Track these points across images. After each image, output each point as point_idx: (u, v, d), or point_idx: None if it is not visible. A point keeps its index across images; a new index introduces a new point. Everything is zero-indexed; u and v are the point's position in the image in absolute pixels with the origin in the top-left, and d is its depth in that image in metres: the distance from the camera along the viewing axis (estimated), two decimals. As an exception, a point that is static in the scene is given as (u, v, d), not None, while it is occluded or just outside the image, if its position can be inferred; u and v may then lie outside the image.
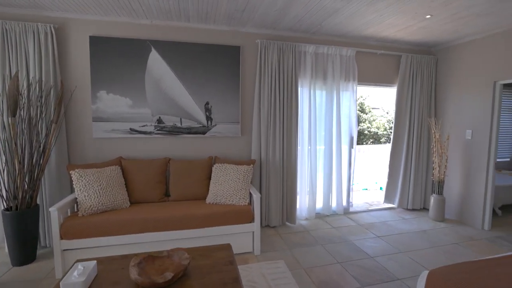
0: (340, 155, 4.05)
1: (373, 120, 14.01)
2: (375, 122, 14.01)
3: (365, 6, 2.78)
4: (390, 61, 4.21)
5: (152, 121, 3.38)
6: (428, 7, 2.76)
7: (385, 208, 4.50)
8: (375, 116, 14.12)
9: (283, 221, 3.76)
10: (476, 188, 3.70)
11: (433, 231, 3.62)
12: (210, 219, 2.83)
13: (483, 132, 3.60)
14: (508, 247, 3.17)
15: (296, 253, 3.01)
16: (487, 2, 2.63)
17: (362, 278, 2.55)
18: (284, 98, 3.60)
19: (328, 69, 3.85)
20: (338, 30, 3.54)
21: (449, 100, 4.05)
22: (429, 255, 2.98)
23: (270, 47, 3.50)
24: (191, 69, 3.40)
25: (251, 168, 3.20)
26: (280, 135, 3.63)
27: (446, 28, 3.35)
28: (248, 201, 3.05)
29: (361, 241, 3.32)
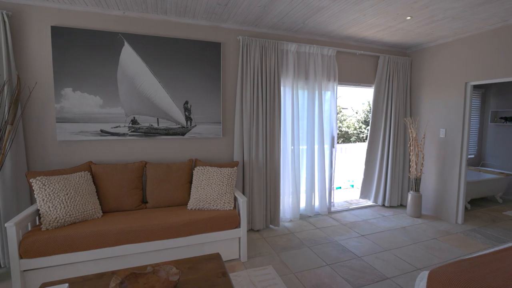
0: (322, 155, 4.03)
1: (344, 120, 14.48)
2: (345, 121, 14.49)
3: (350, 5, 2.76)
4: (368, 61, 4.28)
5: (126, 121, 3.09)
6: (410, 8, 2.80)
7: (365, 206, 4.57)
8: (345, 116, 14.60)
9: (267, 224, 3.65)
10: (450, 184, 3.87)
11: (412, 227, 3.72)
12: (193, 227, 2.64)
13: (456, 130, 3.77)
14: (481, 239, 3.34)
15: (284, 257, 2.91)
16: (461, 7, 2.73)
17: (353, 280, 2.52)
18: (267, 98, 3.50)
19: (310, 68, 3.82)
20: (320, 29, 3.51)
21: (424, 100, 4.21)
22: (412, 252, 3.04)
23: (252, 44, 3.38)
24: (169, 66, 3.17)
25: (235, 171, 3.05)
26: (263, 136, 3.52)
27: (422, 30, 3.45)
28: (233, 205, 2.90)
29: (346, 241, 3.31)
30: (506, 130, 5.08)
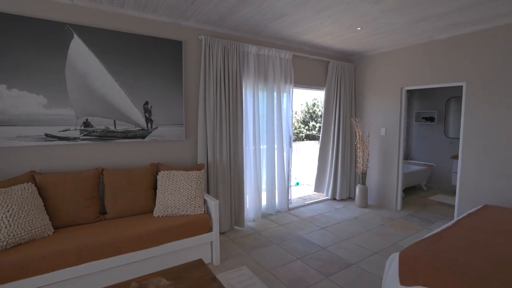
0: (281, 154, 4.20)
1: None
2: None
3: (311, 14, 2.94)
4: (320, 66, 4.61)
5: (77, 124, 2.75)
6: (361, 21, 3.13)
7: (318, 201, 4.90)
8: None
9: (232, 226, 3.64)
10: (390, 176, 4.43)
11: (362, 216, 4.14)
12: (163, 235, 2.49)
13: (394, 129, 4.33)
14: (417, 222, 3.90)
15: (255, 256, 2.95)
16: (402, 23, 3.16)
17: (323, 270, 2.70)
18: (229, 99, 3.49)
19: (269, 70, 3.94)
20: (280, 34, 3.65)
21: (367, 102, 4.72)
22: (367, 238, 3.39)
23: (215, 45, 3.33)
24: (126, 64, 2.93)
25: (203, 174, 2.98)
26: (227, 137, 3.50)
27: (367, 40, 3.87)
28: (203, 209, 2.83)
29: (309, 235, 3.51)
30: (427, 128, 6.03)
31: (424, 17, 3.00)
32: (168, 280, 1.77)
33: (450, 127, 5.66)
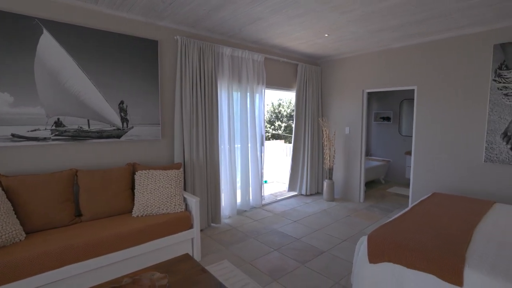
0: (255, 153, 4.36)
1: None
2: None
3: (285, 20, 3.14)
4: (290, 68, 4.85)
5: (48, 123, 2.64)
6: (329, 28, 3.40)
7: (288, 196, 5.15)
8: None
9: (208, 223, 3.72)
10: (354, 171, 4.82)
11: (330, 209, 4.46)
12: (144, 234, 2.50)
13: (357, 128, 4.72)
14: (378, 212, 4.31)
15: (234, 251, 3.07)
16: (364, 32, 3.50)
17: (299, 258, 2.91)
18: (205, 99, 3.56)
19: (242, 72, 4.07)
20: (253, 36, 3.81)
21: (333, 103, 5.07)
22: (336, 228, 3.69)
23: (191, 45, 3.38)
24: (101, 62, 2.87)
25: (181, 172, 3.02)
26: (203, 136, 3.57)
27: (333, 45, 4.19)
28: (184, 207, 2.88)
29: (283, 228, 3.72)
30: (384, 127, 6.61)
31: (383, 28, 3.36)
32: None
33: (403, 126, 6.28)
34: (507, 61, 3.16)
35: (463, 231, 2.17)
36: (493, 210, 2.68)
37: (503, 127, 3.24)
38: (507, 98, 3.19)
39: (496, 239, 2.05)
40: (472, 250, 1.87)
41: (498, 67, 3.23)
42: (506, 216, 2.51)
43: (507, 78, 3.18)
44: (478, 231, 2.18)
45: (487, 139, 3.35)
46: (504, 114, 3.23)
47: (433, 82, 3.79)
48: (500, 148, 3.27)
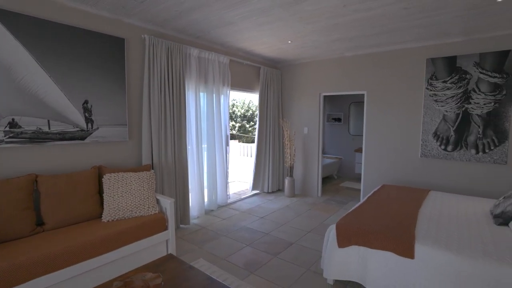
0: (220, 153, 4.45)
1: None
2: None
3: (254, 25, 3.30)
4: (253, 71, 5.04)
5: (0, 125, 2.39)
6: (293, 36, 3.66)
7: (252, 194, 5.34)
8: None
9: (177, 225, 3.70)
10: (312, 169, 5.21)
11: (292, 204, 4.76)
12: (118, 239, 2.43)
13: (314, 128, 5.11)
14: (335, 204, 4.75)
15: (208, 249, 3.14)
16: (323, 41, 3.85)
17: (271, 251, 3.10)
18: (173, 99, 3.55)
19: (209, 73, 4.13)
20: (220, 39, 3.89)
21: (292, 105, 5.40)
22: (299, 221, 3.98)
23: (159, 45, 3.34)
24: (63, 58, 2.68)
25: (153, 174, 2.99)
26: (172, 137, 3.55)
27: (294, 51, 4.49)
28: (157, 209, 2.85)
29: (252, 224, 3.88)
30: (336, 127, 7.22)
31: (340, 38, 3.74)
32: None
33: (351, 127, 6.94)
34: (436, 72, 3.79)
35: (410, 214, 2.59)
36: (429, 197, 3.21)
37: (434, 128, 3.87)
38: (436, 103, 3.82)
39: (435, 218, 2.50)
40: (419, 228, 2.26)
41: (430, 78, 3.85)
42: (440, 201, 3.04)
43: (436, 87, 3.80)
44: (421, 214, 2.63)
45: (422, 138, 3.96)
46: (434, 117, 3.85)
47: (380, 88, 4.33)
48: (432, 145, 3.90)
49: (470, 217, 2.54)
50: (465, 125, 3.63)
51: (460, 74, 3.62)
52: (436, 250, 1.95)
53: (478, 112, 3.54)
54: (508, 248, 1.90)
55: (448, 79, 3.70)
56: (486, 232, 2.18)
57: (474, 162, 3.62)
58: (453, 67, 3.66)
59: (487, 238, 2.06)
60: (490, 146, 3.48)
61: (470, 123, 3.60)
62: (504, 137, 3.41)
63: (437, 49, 3.80)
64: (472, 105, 3.57)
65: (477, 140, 3.57)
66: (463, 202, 3.01)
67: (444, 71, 3.72)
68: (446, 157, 3.80)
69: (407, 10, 2.76)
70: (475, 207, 2.82)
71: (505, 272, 1.69)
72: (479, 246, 1.94)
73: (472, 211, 2.71)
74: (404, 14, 2.87)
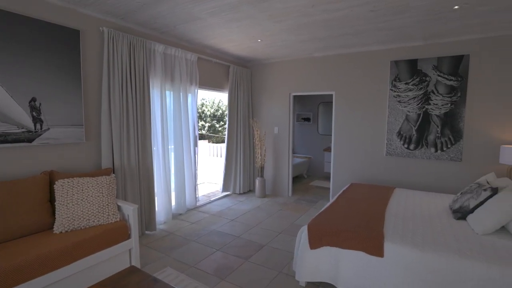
0: (188, 154, 4.27)
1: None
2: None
3: (223, 22, 3.19)
4: (222, 69, 4.91)
5: None
6: (263, 34, 3.60)
7: (222, 196, 5.21)
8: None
9: (143, 231, 3.48)
10: (282, 168, 5.21)
11: (263, 205, 4.72)
12: (71, 253, 2.17)
13: (284, 128, 5.11)
14: (305, 203, 4.78)
15: (176, 256, 2.98)
16: (292, 40, 3.84)
17: (242, 254, 3.02)
18: (137, 97, 3.32)
19: (175, 70, 3.93)
20: (187, 35, 3.72)
21: (262, 104, 5.36)
22: (271, 222, 3.94)
23: (120, 39, 3.10)
24: (5, 51, 2.37)
25: (113, 178, 2.76)
26: (135, 138, 3.33)
27: (264, 50, 4.44)
28: (119, 216, 2.64)
29: (222, 227, 3.77)
30: (305, 127, 7.32)
31: (310, 38, 3.75)
32: (107, 291, 1.66)
33: (320, 126, 7.08)
34: (400, 74, 3.95)
35: (378, 212, 2.64)
36: (395, 194, 3.33)
37: (398, 127, 4.03)
38: (400, 104, 3.99)
39: (400, 215, 2.58)
40: (387, 226, 2.31)
41: (393, 79, 4.00)
42: (404, 198, 3.16)
43: (399, 88, 3.97)
44: (388, 211, 2.70)
45: (387, 137, 4.11)
46: (398, 117, 4.02)
47: (348, 88, 4.43)
48: (396, 144, 4.06)
49: (432, 212, 2.66)
50: (426, 125, 3.83)
51: (420, 76, 3.80)
52: (404, 247, 1.99)
53: (436, 113, 3.75)
54: (467, 242, 2.00)
55: (410, 81, 3.87)
56: (447, 227, 2.28)
57: (433, 159, 3.83)
58: (414, 69, 3.83)
59: (449, 233, 2.15)
60: (447, 144, 3.70)
61: (430, 123, 3.80)
62: (459, 136, 3.64)
63: (400, 52, 3.97)
64: (431, 106, 3.77)
65: (436, 139, 3.78)
66: (425, 198, 3.16)
67: (406, 73, 3.89)
68: (409, 155, 3.98)
69: (374, 13, 2.82)
70: (436, 203, 2.96)
71: (466, 266, 1.76)
72: (441, 241, 2.01)
73: (433, 206, 2.85)
74: (370, 16, 2.93)
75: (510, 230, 2.11)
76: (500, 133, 3.45)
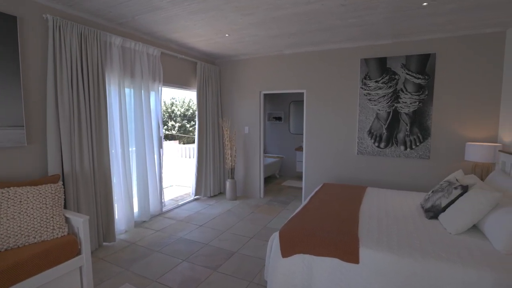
0: (152, 156, 3.96)
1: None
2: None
3: (186, 13, 2.94)
4: (188, 66, 4.63)
5: None
6: (230, 29, 3.40)
7: (191, 200, 4.94)
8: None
9: (99, 243, 3.14)
10: (254, 169, 5.04)
11: (234, 208, 4.51)
12: (10, 276, 1.86)
13: (255, 127, 4.95)
14: (277, 205, 4.65)
15: (136, 270, 2.69)
16: (262, 35, 3.67)
17: (210, 264, 2.80)
18: (90, 95, 2.98)
19: (136, 66, 3.61)
20: (148, 28, 3.42)
21: (232, 103, 5.14)
22: (242, 227, 3.75)
23: (68, 29, 2.74)
24: None
25: (60, 187, 2.43)
26: (89, 140, 2.98)
27: (232, 46, 4.23)
28: (66, 229, 2.31)
29: (190, 234, 3.52)
30: (277, 126, 7.21)
31: (280, 34, 3.61)
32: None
33: (292, 125, 7.01)
34: (370, 72, 3.93)
35: (351, 214, 2.55)
36: (367, 193, 3.28)
37: (368, 126, 4.02)
38: (370, 102, 3.97)
39: (375, 216, 2.51)
40: (361, 229, 2.21)
41: (364, 77, 3.98)
42: (376, 197, 3.11)
43: (370, 86, 3.96)
44: (361, 212, 2.62)
45: (358, 135, 4.09)
46: (368, 115, 4.01)
47: (319, 87, 4.35)
48: (367, 142, 4.05)
49: (405, 212, 2.62)
50: (395, 123, 3.85)
51: (390, 74, 3.81)
52: (379, 252, 1.89)
53: (405, 111, 3.77)
54: (442, 243, 1.95)
55: (379, 79, 3.87)
56: (421, 228, 2.23)
57: (403, 157, 3.85)
58: (384, 68, 3.83)
59: (423, 235, 2.10)
60: (416, 142, 3.74)
61: (400, 121, 3.82)
62: (427, 134, 3.69)
63: (370, 50, 3.95)
64: (400, 104, 3.79)
65: (405, 137, 3.80)
66: (396, 197, 3.14)
67: (376, 71, 3.88)
68: (379, 154, 3.98)
69: (345, 7, 2.73)
70: (408, 202, 2.94)
71: (443, 270, 1.69)
72: (417, 244, 1.94)
73: (405, 205, 2.82)
74: (341, 11, 2.84)
75: (481, 229, 2.09)
76: (465, 130, 3.54)
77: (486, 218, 2.05)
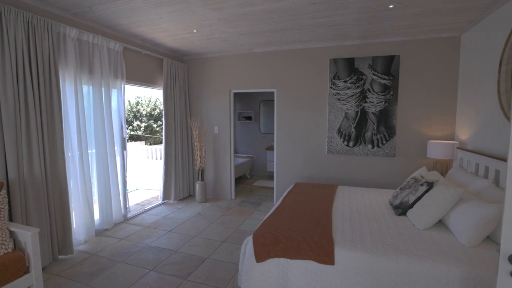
0: (114, 159, 3.68)
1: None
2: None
3: (150, 5, 2.75)
4: (154, 63, 4.38)
5: None
6: (198, 24, 3.25)
7: (158, 204, 4.69)
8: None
9: (54, 257, 2.83)
10: (224, 170, 4.91)
11: (204, 211, 4.36)
12: None
13: (225, 127, 4.82)
14: (249, 206, 4.57)
15: (97, 285, 2.46)
16: (231, 33, 3.56)
17: (180, 272, 2.64)
18: (40, 93, 2.67)
19: (95, 61, 3.32)
20: (108, 20, 3.15)
21: (201, 102, 4.97)
22: (213, 230, 3.62)
23: (12, 17, 2.42)
24: None
25: (4, 197, 2.13)
26: (39, 142, 2.67)
27: (201, 43, 4.07)
28: (12, 245, 2.03)
29: (157, 241, 3.31)
30: (247, 126, 7.13)
31: (249, 32, 3.52)
32: None
33: (262, 125, 6.97)
34: (339, 72, 4.00)
35: (324, 214, 2.54)
36: (338, 192, 3.32)
37: (338, 125, 4.09)
38: (339, 102, 4.04)
39: (347, 215, 2.52)
40: (335, 230, 2.20)
41: (333, 77, 4.04)
42: (347, 196, 3.15)
43: (339, 86, 4.02)
44: (334, 212, 2.62)
45: (328, 135, 4.14)
46: (338, 115, 4.07)
47: (289, 86, 4.34)
48: (336, 141, 4.11)
49: (375, 210, 2.67)
50: (363, 122, 3.95)
51: (357, 75, 3.90)
52: (354, 252, 1.88)
53: (372, 110, 3.89)
54: (412, 240, 1.99)
55: (348, 79, 3.94)
56: (392, 225, 2.27)
57: (371, 156, 3.97)
58: (352, 68, 3.92)
59: (394, 232, 2.13)
60: (383, 141, 3.87)
61: (367, 120, 3.92)
62: (392, 132, 3.83)
63: (338, 50, 4.01)
64: (368, 103, 3.90)
65: (372, 136, 3.92)
66: (366, 194, 3.20)
67: (344, 71, 3.96)
68: (348, 152, 4.06)
69: (315, 6, 2.71)
70: (377, 199, 3.01)
71: (415, 266, 1.72)
72: (389, 242, 1.96)
73: (375, 203, 2.88)
74: (312, 10, 2.82)
75: (446, 223, 2.18)
76: (426, 129, 3.73)
77: (450, 213, 2.14)
